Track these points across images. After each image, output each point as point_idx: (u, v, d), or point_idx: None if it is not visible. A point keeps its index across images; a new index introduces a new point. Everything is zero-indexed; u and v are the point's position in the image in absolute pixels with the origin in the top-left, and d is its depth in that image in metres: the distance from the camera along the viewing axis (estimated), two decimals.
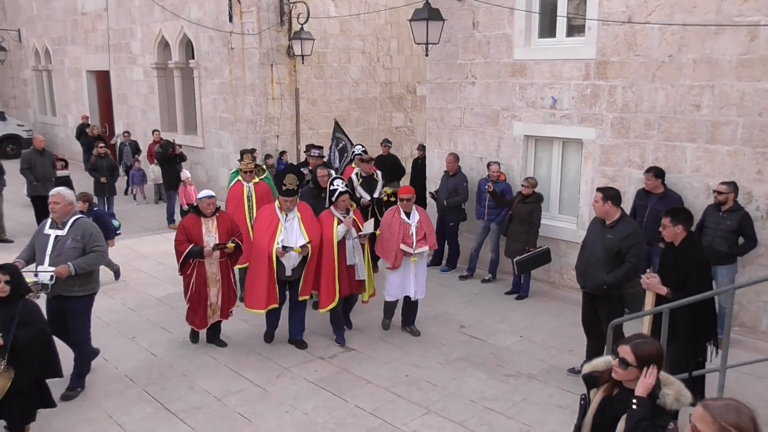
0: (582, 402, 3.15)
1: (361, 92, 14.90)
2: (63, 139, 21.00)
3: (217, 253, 6.50)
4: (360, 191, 8.83)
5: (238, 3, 12.88)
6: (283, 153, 12.98)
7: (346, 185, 6.92)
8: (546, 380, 6.21)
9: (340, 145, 10.52)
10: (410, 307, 7.31)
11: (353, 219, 6.85)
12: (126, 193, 15.02)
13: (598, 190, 5.81)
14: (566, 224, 8.65)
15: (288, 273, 6.59)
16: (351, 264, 6.88)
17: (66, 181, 14.08)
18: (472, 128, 9.47)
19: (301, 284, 6.74)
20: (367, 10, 14.37)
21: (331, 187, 6.84)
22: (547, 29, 8.57)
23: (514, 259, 7.98)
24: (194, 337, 7.07)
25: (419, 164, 11.70)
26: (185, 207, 12.16)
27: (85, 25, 18.42)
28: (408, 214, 6.93)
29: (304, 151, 10.11)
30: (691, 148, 7.25)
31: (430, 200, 9.95)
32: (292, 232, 6.49)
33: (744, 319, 7.14)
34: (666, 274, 5.04)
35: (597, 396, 3.06)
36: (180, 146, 12.88)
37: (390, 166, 11.26)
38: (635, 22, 7.42)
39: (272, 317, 6.92)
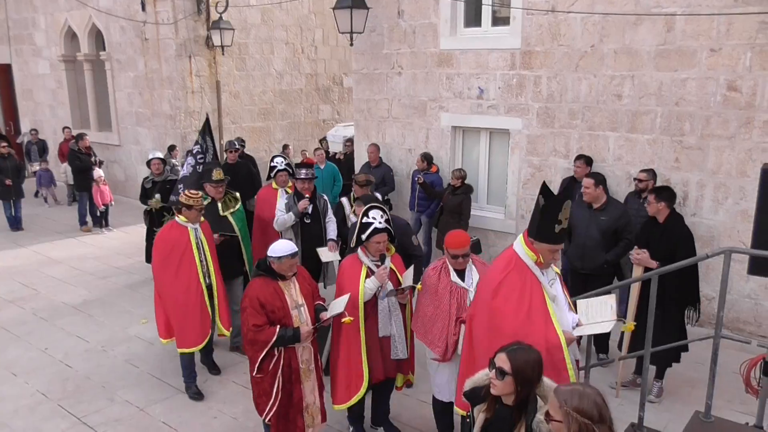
0: (468, 420, 2.90)
1: (285, 84, 14.55)
2: None
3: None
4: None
5: None
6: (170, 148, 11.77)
7: (387, 220, 4.67)
8: None
9: (195, 149, 7.53)
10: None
11: (391, 269, 4.70)
12: (36, 195, 14.09)
13: (589, 176, 6.13)
14: (495, 214, 8.70)
15: None
16: (385, 335, 4.68)
17: None
18: (400, 120, 9.37)
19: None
20: None
21: (364, 220, 4.61)
22: (473, 18, 8.57)
23: None
24: None
25: (342, 163, 10.83)
26: (101, 208, 11.55)
27: None
28: (462, 274, 4.44)
29: (296, 176, 6.74)
30: (613, 137, 7.42)
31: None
32: (560, 302, 3.87)
33: None
34: (654, 247, 5.33)
35: (480, 416, 2.80)
36: (96, 157, 12.15)
37: (243, 177, 8.27)
38: (558, 11, 7.50)
39: None
